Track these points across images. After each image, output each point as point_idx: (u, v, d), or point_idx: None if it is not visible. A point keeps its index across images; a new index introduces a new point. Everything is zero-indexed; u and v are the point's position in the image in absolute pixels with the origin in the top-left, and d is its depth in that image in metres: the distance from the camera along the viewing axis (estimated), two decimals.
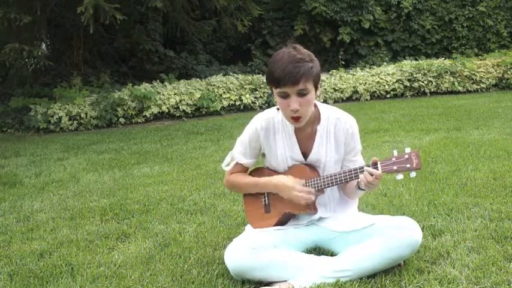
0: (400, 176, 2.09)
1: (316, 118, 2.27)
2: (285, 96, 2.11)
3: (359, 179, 2.14)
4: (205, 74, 11.50)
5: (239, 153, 2.38)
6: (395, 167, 2.08)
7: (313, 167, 2.29)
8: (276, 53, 2.14)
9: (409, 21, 13.08)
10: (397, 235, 2.10)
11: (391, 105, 8.80)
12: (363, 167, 2.13)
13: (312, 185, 2.23)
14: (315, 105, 2.26)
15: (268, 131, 2.31)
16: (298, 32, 12.70)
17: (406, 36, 13.19)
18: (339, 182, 2.19)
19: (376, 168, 2.09)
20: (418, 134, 5.64)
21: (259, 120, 2.32)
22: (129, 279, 2.28)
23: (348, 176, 2.16)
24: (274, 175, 2.32)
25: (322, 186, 2.22)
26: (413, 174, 2.07)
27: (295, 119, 2.15)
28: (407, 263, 2.22)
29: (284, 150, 2.29)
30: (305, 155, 2.29)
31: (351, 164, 2.28)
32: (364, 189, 2.19)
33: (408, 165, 2.07)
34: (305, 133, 2.28)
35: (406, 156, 2.08)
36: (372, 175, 2.08)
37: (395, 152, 2.12)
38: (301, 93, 2.09)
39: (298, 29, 12.77)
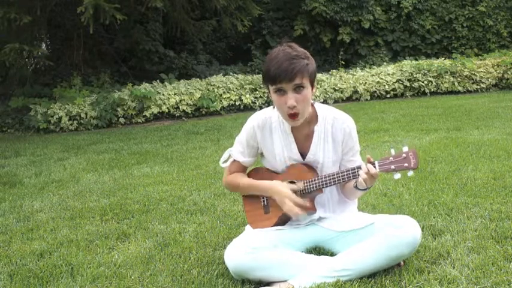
0: (397, 175, 2.09)
1: (313, 118, 2.27)
2: (281, 93, 2.11)
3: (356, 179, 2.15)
4: (205, 74, 11.50)
5: (237, 152, 2.39)
6: (392, 166, 2.08)
7: (311, 167, 2.28)
8: (271, 51, 2.15)
9: (409, 21, 13.08)
10: (396, 234, 2.09)
11: (391, 105, 8.80)
12: (360, 166, 2.13)
13: (310, 185, 2.23)
14: (312, 105, 2.26)
15: (264, 129, 2.31)
16: (298, 32, 12.70)
17: (406, 36, 13.19)
18: (336, 182, 2.19)
19: (374, 167, 2.09)
20: (418, 134, 5.64)
21: (256, 119, 2.32)
22: (129, 279, 2.28)
23: (345, 176, 2.16)
24: (273, 175, 2.33)
25: (320, 186, 2.22)
26: (410, 173, 2.07)
27: (292, 116, 2.14)
28: (407, 263, 2.21)
29: (282, 149, 2.29)
30: (303, 155, 2.29)
31: (349, 164, 2.28)
32: (362, 189, 2.19)
33: (406, 165, 2.07)
34: (302, 133, 2.28)
35: (404, 155, 2.08)
36: (367, 173, 2.08)
37: (392, 151, 2.12)
38: (298, 89, 2.09)
39: (298, 29, 12.76)
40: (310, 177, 2.24)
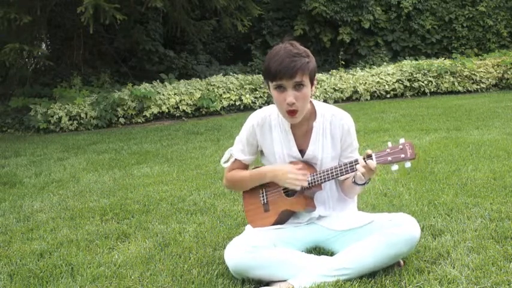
0: (395, 167, 2.09)
1: (312, 115, 2.28)
2: (281, 89, 2.12)
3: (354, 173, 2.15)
4: (205, 74, 11.50)
5: (238, 150, 2.40)
6: (389, 158, 2.08)
7: (310, 164, 2.29)
8: (273, 48, 2.16)
9: (409, 21, 13.08)
10: (395, 232, 2.10)
11: (391, 105, 8.80)
12: (357, 160, 2.13)
13: (309, 181, 2.23)
14: (311, 102, 2.27)
15: (264, 127, 2.32)
16: (298, 32, 12.70)
17: (406, 36, 13.20)
18: (335, 176, 2.19)
19: (371, 159, 2.10)
20: (418, 134, 5.64)
21: (255, 118, 2.34)
22: (129, 279, 2.28)
23: (343, 170, 2.17)
24: None
25: (319, 181, 2.22)
26: (408, 164, 2.07)
27: (291, 113, 2.15)
28: (407, 263, 2.22)
29: (281, 147, 2.31)
30: (302, 152, 2.30)
31: (347, 160, 2.28)
32: (361, 184, 2.19)
33: (403, 155, 2.07)
34: (301, 130, 2.29)
35: (401, 146, 2.09)
36: (364, 166, 2.08)
37: (389, 144, 2.12)
38: (298, 87, 2.11)
39: (298, 29, 12.76)
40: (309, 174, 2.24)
